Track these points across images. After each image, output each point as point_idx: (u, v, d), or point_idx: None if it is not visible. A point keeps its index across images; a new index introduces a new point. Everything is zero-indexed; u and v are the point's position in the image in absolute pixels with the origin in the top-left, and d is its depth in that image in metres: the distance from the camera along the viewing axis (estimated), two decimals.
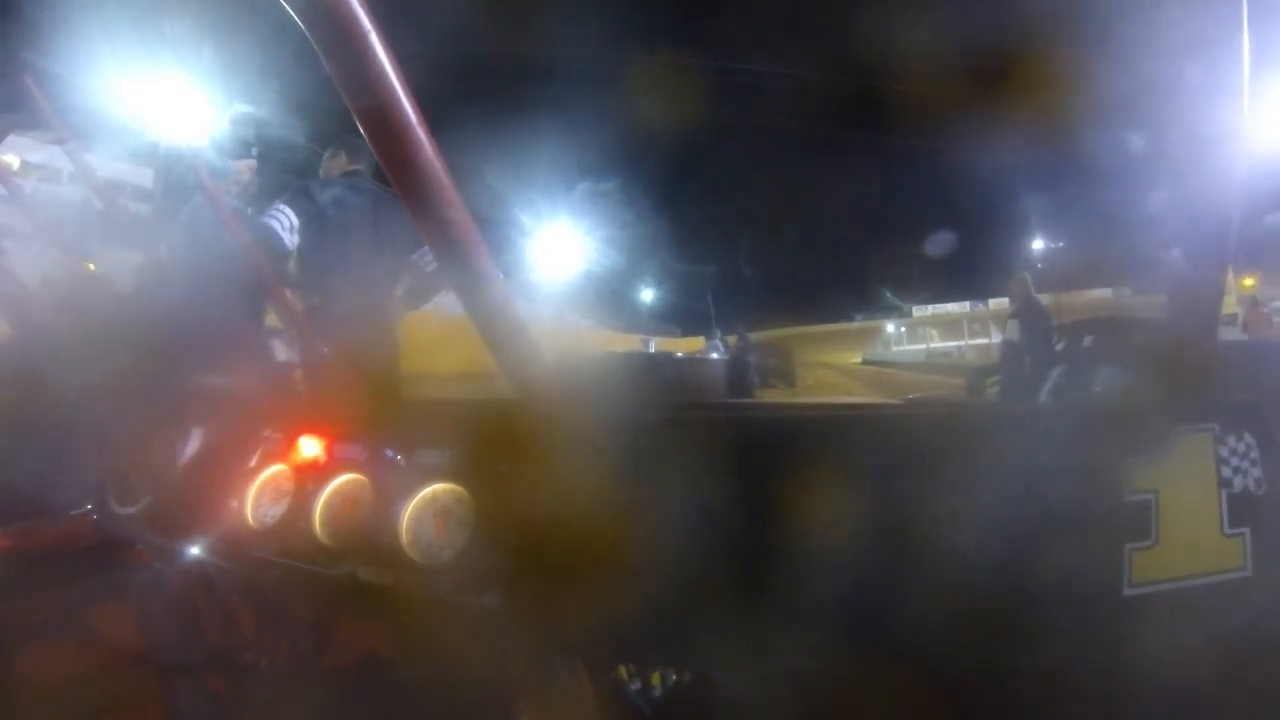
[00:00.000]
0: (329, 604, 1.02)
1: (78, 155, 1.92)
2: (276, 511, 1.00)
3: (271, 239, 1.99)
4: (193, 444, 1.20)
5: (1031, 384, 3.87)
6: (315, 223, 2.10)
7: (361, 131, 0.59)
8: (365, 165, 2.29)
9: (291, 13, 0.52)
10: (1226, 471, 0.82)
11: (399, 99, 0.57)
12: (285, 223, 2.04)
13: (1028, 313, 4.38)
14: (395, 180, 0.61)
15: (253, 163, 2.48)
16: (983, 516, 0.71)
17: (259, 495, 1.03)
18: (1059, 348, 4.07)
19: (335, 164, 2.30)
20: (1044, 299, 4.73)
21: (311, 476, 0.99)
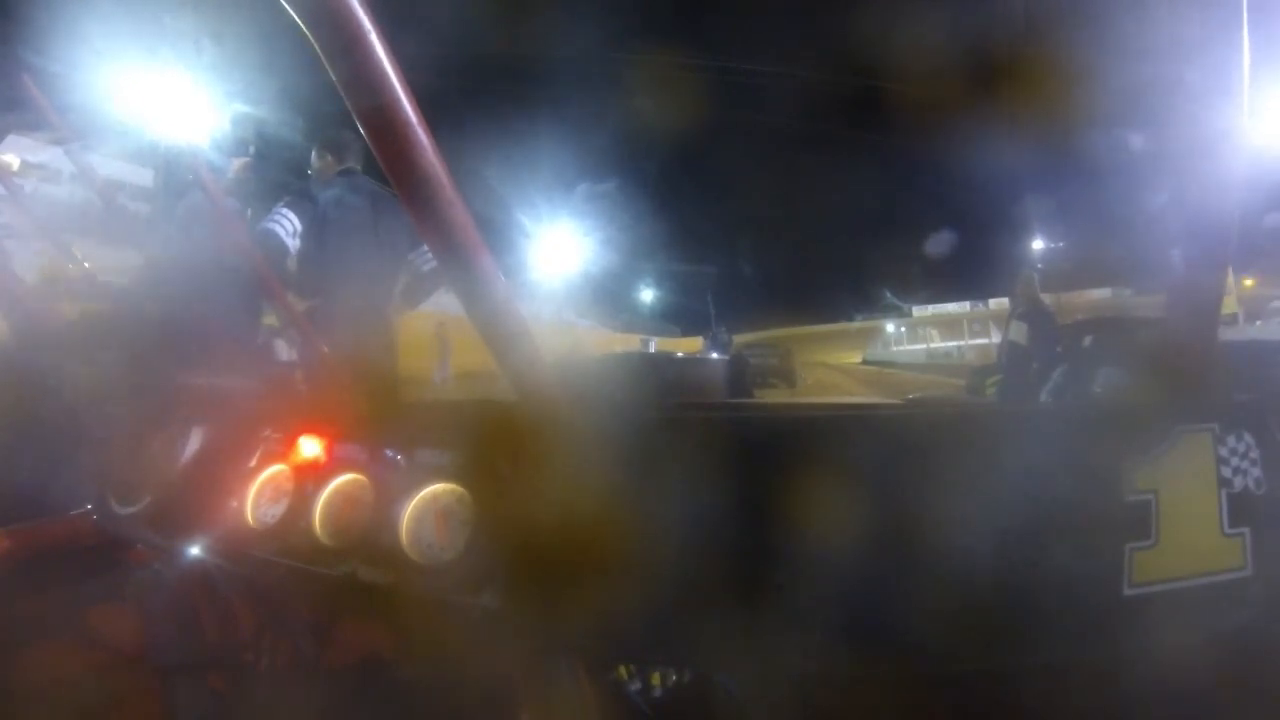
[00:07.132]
0: (329, 604, 1.02)
1: (78, 155, 1.92)
2: (276, 511, 1.00)
3: (273, 242, 1.99)
4: (193, 444, 1.20)
5: (1032, 384, 3.86)
6: (316, 224, 2.11)
7: (359, 131, 0.59)
8: (358, 163, 2.30)
9: (291, 12, 0.52)
10: (1226, 471, 0.82)
11: (400, 100, 0.57)
12: (289, 227, 2.05)
13: (1034, 313, 4.34)
14: (396, 181, 0.61)
15: (247, 160, 2.48)
16: (983, 517, 0.71)
17: (259, 495, 1.03)
18: (1059, 348, 4.07)
19: (329, 163, 2.30)
20: (1046, 299, 4.70)
21: (311, 476, 0.99)
